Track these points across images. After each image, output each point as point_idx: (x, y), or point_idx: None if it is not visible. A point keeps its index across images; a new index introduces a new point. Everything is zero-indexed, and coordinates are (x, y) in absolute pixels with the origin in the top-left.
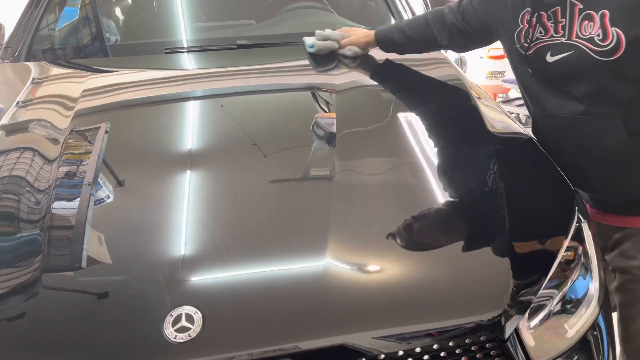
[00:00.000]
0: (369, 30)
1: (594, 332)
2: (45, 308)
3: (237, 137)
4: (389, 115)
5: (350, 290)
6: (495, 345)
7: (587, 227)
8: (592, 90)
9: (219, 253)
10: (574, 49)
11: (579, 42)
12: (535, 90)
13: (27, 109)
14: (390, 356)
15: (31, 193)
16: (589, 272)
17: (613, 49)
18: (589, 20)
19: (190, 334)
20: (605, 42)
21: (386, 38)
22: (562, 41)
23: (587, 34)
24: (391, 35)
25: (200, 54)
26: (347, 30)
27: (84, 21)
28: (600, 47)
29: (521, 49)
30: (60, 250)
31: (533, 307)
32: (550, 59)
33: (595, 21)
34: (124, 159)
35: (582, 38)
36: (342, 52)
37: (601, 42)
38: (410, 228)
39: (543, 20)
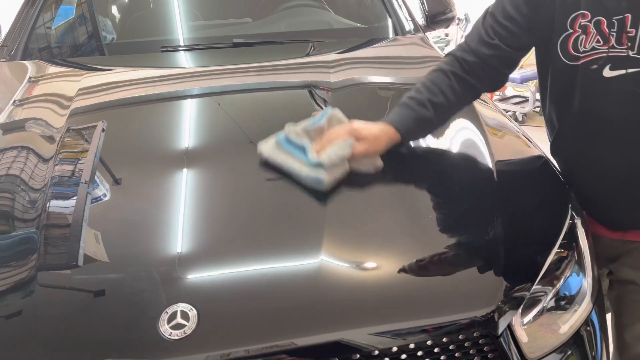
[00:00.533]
0: (381, 128)
1: (587, 328)
2: (41, 306)
3: (233, 135)
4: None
5: (345, 287)
6: (489, 341)
7: (580, 224)
8: None
9: (214, 251)
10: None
11: None
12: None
13: (23, 108)
14: (384, 352)
15: (27, 191)
16: (582, 268)
17: None
18: None
19: (186, 330)
20: None
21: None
22: (629, 54)
23: None
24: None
25: (196, 52)
26: (355, 132)
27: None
28: None
29: (565, 59)
30: (57, 248)
31: (526, 303)
32: (608, 73)
33: None
34: (121, 158)
35: None
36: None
37: None
38: (404, 225)
39: (602, 28)
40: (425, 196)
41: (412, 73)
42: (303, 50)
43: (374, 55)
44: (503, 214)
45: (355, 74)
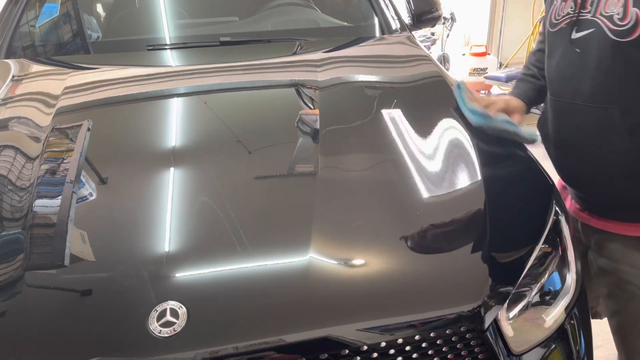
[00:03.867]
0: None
1: (571, 322)
2: (29, 306)
3: (221, 134)
4: (371, 112)
5: (333, 284)
6: (475, 335)
7: (564, 221)
8: (600, 75)
9: (203, 248)
10: (595, 26)
11: (600, 19)
12: (551, 72)
13: (7, 107)
14: (373, 347)
15: (13, 191)
16: (566, 264)
17: (630, 29)
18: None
19: (175, 328)
20: (624, 21)
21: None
22: (588, 17)
23: (609, 11)
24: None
25: (183, 51)
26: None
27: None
28: (618, 27)
29: (549, 27)
30: (43, 248)
31: (512, 298)
32: (574, 35)
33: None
34: (107, 157)
35: (603, 15)
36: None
37: (619, 21)
38: (392, 223)
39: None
40: (412, 194)
41: (399, 72)
42: (290, 48)
43: (360, 54)
44: (489, 210)
45: (342, 72)
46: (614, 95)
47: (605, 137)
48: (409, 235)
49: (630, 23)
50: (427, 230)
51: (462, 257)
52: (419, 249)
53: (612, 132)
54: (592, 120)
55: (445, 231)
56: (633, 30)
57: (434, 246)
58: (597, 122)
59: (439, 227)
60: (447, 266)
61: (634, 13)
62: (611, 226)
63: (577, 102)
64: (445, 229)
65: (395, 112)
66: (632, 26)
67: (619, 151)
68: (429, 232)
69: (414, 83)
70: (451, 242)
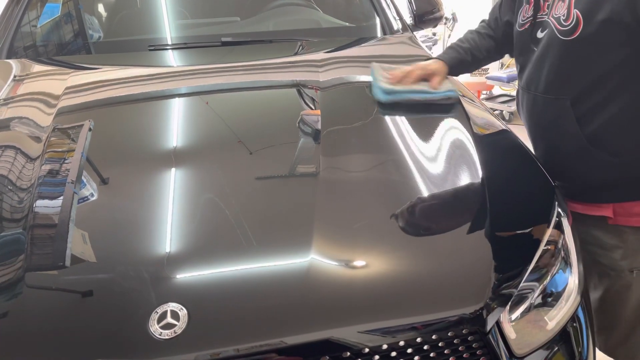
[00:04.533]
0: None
1: (573, 324)
2: (30, 307)
3: (222, 134)
4: (373, 113)
5: (335, 286)
6: (477, 337)
7: (566, 222)
8: (552, 70)
9: (204, 250)
10: (549, 27)
11: (551, 20)
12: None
13: (8, 107)
14: (374, 350)
15: (13, 191)
16: (569, 265)
17: (571, 29)
18: (562, 0)
19: (176, 330)
20: (567, 22)
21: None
22: (545, 19)
23: (558, 13)
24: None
25: (184, 51)
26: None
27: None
28: (563, 27)
29: (517, 27)
30: (44, 248)
31: (514, 300)
32: (539, 34)
33: (565, 2)
34: (108, 157)
35: (554, 17)
36: None
37: (564, 21)
38: (394, 224)
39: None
40: (413, 195)
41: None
42: (291, 49)
43: (362, 54)
44: (490, 212)
45: (344, 73)
46: (565, 87)
47: (560, 125)
48: (410, 237)
49: (572, 23)
50: (429, 231)
51: (464, 258)
52: (421, 251)
53: (565, 120)
54: (549, 110)
55: (447, 232)
56: (575, 29)
57: (436, 248)
58: (553, 111)
59: (441, 229)
60: (449, 268)
61: (575, 14)
62: (578, 207)
63: (538, 93)
64: (447, 230)
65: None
66: (574, 26)
67: (572, 138)
68: (430, 234)
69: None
70: (453, 244)
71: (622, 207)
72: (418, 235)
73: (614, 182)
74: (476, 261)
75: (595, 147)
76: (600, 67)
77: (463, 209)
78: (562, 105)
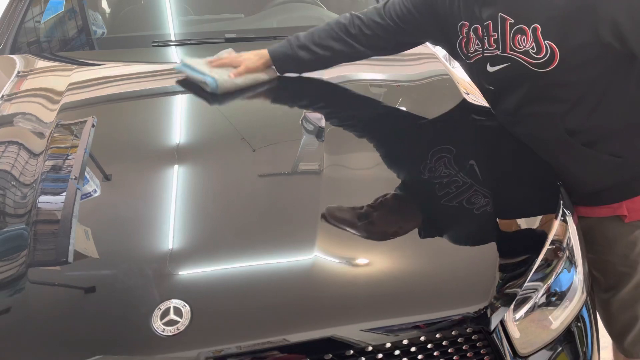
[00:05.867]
0: (260, 51)
1: (577, 324)
2: (33, 303)
3: (225, 131)
4: (377, 110)
5: (339, 284)
6: (481, 337)
7: (571, 221)
8: (531, 96)
9: (208, 247)
10: (511, 61)
11: (514, 54)
12: (484, 93)
13: (12, 103)
14: (377, 348)
15: (17, 187)
16: (573, 265)
17: (547, 61)
18: (522, 34)
19: (179, 327)
20: (540, 54)
21: (284, 56)
22: (497, 54)
23: (521, 47)
24: (293, 54)
25: (188, 47)
26: (234, 59)
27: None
28: (536, 60)
29: (465, 58)
30: (47, 244)
31: (518, 299)
32: (490, 69)
33: (528, 35)
34: (111, 153)
35: (516, 51)
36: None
37: (536, 54)
38: (398, 222)
39: (478, 33)
40: (417, 194)
41: (405, 69)
42: None
43: None
44: (495, 210)
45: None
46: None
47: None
48: (414, 235)
49: (546, 55)
50: (433, 230)
51: (469, 257)
52: (425, 249)
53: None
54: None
55: (451, 232)
56: (551, 61)
57: (440, 246)
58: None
59: (445, 227)
60: (454, 267)
61: (548, 46)
62: (586, 211)
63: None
64: (451, 229)
65: (401, 110)
66: (550, 57)
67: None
68: (435, 232)
69: (420, 81)
70: (457, 243)
71: (634, 203)
72: (422, 234)
73: (623, 181)
74: (480, 260)
75: (595, 150)
76: (583, 83)
77: (467, 208)
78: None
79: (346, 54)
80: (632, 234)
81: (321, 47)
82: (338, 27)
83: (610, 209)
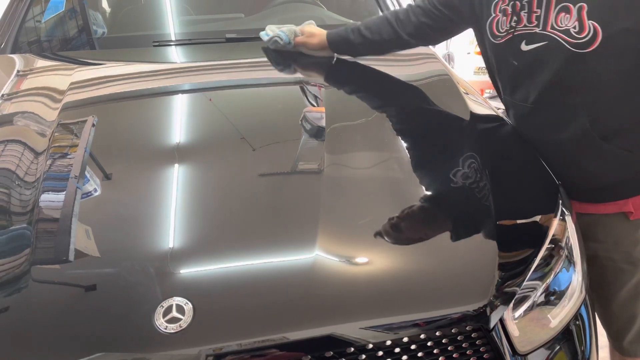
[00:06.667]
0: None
1: (576, 322)
2: (36, 300)
3: (225, 131)
4: (377, 110)
5: (339, 282)
6: (481, 335)
7: (570, 220)
8: (561, 80)
9: (209, 245)
10: (549, 40)
11: (554, 32)
12: (505, 78)
13: (13, 102)
14: (378, 346)
15: (19, 186)
16: (572, 264)
17: (589, 41)
18: (566, 12)
19: (181, 324)
20: (582, 34)
21: (339, 38)
22: (536, 31)
23: (562, 25)
24: (345, 36)
25: (188, 47)
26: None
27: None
28: (576, 39)
29: (492, 38)
30: (49, 243)
31: (517, 298)
32: (524, 47)
33: (572, 13)
34: (112, 152)
35: (557, 29)
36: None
37: (577, 34)
38: (398, 221)
39: (517, 10)
40: (418, 193)
41: (404, 69)
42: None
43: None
44: (494, 209)
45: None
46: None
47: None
48: (415, 234)
49: (588, 35)
50: (433, 228)
51: (468, 256)
52: (425, 248)
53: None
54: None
55: (451, 230)
56: (592, 41)
57: (440, 245)
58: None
59: (445, 226)
60: (453, 265)
61: (591, 26)
62: (591, 208)
63: (528, 104)
64: (451, 228)
65: (401, 109)
66: (591, 38)
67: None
68: (435, 231)
69: (420, 81)
70: (457, 241)
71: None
72: (422, 233)
73: (631, 177)
74: (480, 259)
75: (611, 144)
76: (616, 72)
77: (467, 207)
78: (575, 112)
79: (392, 41)
80: (636, 231)
81: (371, 31)
82: (391, 13)
83: (616, 205)
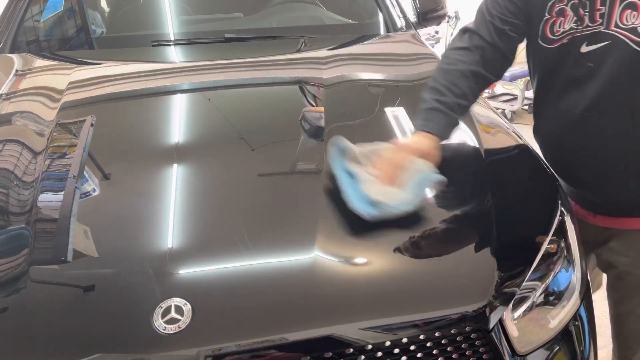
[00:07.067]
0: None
1: (575, 323)
2: (34, 301)
3: (224, 131)
4: (376, 110)
5: (339, 283)
6: (480, 335)
7: (569, 221)
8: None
9: (207, 246)
10: (612, 39)
11: (619, 31)
12: (552, 85)
13: (11, 101)
14: (377, 346)
15: (17, 186)
16: (571, 264)
17: None
18: (632, 9)
19: (180, 325)
20: None
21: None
22: (600, 30)
23: (629, 23)
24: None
25: (187, 47)
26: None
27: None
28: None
29: (544, 42)
30: (47, 243)
31: (517, 298)
32: (585, 49)
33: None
34: (110, 152)
35: (622, 28)
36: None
37: None
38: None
39: (578, 10)
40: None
41: (404, 70)
42: (294, 46)
43: (365, 51)
44: (494, 210)
45: (347, 70)
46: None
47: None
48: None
49: None
50: (433, 229)
51: (468, 257)
52: (425, 249)
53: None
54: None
55: (450, 231)
56: None
57: (439, 246)
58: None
59: (444, 227)
60: (453, 266)
61: None
62: (620, 222)
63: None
64: (450, 228)
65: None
66: None
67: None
68: (434, 232)
69: (419, 81)
70: (456, 242)
71: None
72: (422, 234)
73: None
74: (479, 259)
75: None
76: None
77: (466, 208)
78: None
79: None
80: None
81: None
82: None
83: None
